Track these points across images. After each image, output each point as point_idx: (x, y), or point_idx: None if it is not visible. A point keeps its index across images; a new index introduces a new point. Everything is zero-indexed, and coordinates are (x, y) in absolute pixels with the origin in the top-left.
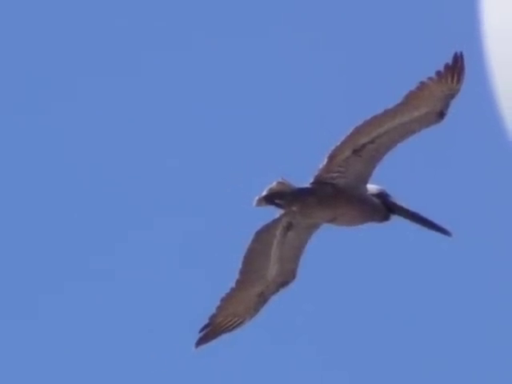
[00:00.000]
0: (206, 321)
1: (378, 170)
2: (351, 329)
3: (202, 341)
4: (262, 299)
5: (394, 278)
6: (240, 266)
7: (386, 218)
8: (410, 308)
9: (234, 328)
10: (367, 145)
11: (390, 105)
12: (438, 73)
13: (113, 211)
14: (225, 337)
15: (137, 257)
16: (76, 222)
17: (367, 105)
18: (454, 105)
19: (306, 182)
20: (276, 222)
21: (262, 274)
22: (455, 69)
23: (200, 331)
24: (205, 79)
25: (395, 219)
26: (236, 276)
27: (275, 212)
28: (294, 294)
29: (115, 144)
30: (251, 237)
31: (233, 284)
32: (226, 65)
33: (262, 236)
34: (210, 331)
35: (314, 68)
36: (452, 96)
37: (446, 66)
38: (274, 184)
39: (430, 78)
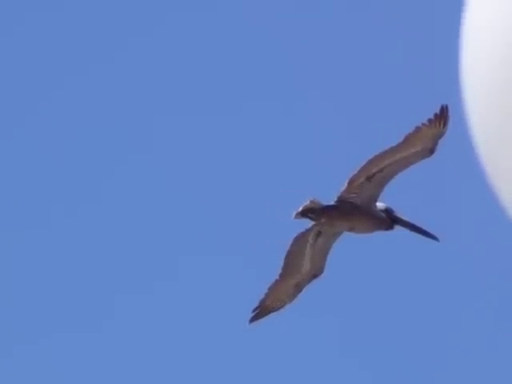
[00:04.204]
0: (257, 304)
1: (385, 192)
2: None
3: (254, 319)
4: (298, 288)
5: (395, 272)
6: (282, 263)
7: (390, 227)
8: (408, 298)
9: (278, 309)
10: (377, 173)
11: (394, 143)
12: (430, 120)
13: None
14: (271, 316)
15: (204, 259)
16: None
17: (376, 144)
18: (442, 143)
19: (331, 201)
20: (309, 230)
21: (298, 270)
22: (442, 117)
23: (252, 311)
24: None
25: (397, 228)
26: (279, 271)
27: (308, 223)
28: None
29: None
30: (290, 241)
31: (277, 277)
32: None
33: (299, 241)
34: (260, 311)
35: (334, 119)
36: (440, 137)
37: (435, 115)
38: (307, 202)
39: (423, 124)
